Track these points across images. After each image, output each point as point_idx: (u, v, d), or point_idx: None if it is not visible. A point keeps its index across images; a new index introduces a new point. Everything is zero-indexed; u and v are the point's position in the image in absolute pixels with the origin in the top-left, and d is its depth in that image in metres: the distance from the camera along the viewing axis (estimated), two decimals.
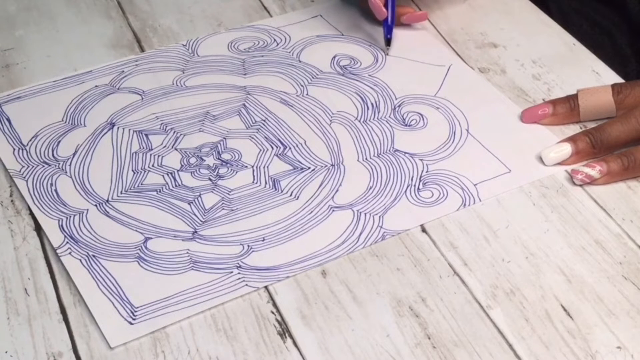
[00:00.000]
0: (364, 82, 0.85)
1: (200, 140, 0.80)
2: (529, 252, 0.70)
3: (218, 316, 0.66)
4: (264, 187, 0.75)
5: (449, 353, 0.63)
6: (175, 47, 0.90)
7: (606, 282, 0.68)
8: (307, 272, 0.69)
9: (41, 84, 0.86)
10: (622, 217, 0.72)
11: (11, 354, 0.64)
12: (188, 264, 0.69)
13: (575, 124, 0.80)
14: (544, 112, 0.80)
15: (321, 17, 0.94)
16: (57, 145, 0.80)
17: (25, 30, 0.93)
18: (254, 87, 0.85)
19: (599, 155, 0.76)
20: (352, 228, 0.72)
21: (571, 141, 0.76)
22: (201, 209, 0.74)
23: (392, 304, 0.66)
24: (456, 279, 0.68)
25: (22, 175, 0.77)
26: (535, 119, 0.80)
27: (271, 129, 0.81)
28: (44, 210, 0.74)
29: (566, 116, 0.79)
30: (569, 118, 0.80)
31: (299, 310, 0.66)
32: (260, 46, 0.90)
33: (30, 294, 0.68)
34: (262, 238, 0.71)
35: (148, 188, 0.76)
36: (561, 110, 0.79)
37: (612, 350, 0.63)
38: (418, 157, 0.78)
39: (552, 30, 0.91)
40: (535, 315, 0.66)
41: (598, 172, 0.74)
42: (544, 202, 0.74)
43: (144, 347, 0.64)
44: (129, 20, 0.94)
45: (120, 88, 0.85)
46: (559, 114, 0.79)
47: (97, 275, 0.69)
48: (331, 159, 0.78)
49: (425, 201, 0.74)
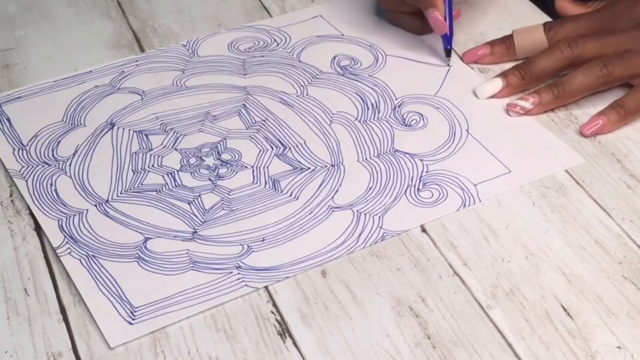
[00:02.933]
0: (364, 82, 0.85)
1: (200, 140, 0.80)
2: (529, 252, 0.70)
3: (218, 316, 0.66)
4: (264, 188, 0.75)
5: (449, 353, 0.63)
6: (175, 47, 0.90)
7: (606, 282, 0.68)
8: (307, 272, 0.69)
9: (41, 84, 0.86)
10: (622, 217, 0.72)
11: (11, 354, 0.64)
12: (188, 264, 0.69)
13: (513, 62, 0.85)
14: (483, 53, 0.86)
15: (321, 17, 0.94)
16: (57, 145, 0.80)
17: (25, 30, 0.93)
18: (254, 87, 0.85)
19: (530, 86, 0.82)
20: (352, 228, 0.72)
21: (502, 76, 0.83)
22: (201, 209, 0.74)
23: (392, 304, 0.66)
24: (456, 279, 0.68)
25: (22, 175, 0.77)
26: (475, 58, 0.86)
27: (271, 129, 0.81)
28: (43, 210, 0.74)
29: (503, 55, 0.86)
30: (506, 57, 0.86)
31: (298, 310, 0.66)
32: (260, 46, 0.90)
33: (30, 294, 0.68)
34: (262, 238, 0.71)
35: (148, 188, 0.76)
36: (498, 50, 0.85)
37: (612, 350, 0.63)
38: (418, 157, 0.78)
39: None
40: (535, 315, 0.66)
41: (531, 104, 0.80)
42: (544, 202, 0.74)
43: (143, 347, 0.64)
44: (129, 20, 0.94)
45: (120, 88, 0.85)
46: (497, 53, 0.85)
47: (97, 275, 0.69)
48: (331, 159, 0.78)
49: (425, 201, 0.74)
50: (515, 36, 0.85)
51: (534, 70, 0.81)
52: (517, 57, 0.85)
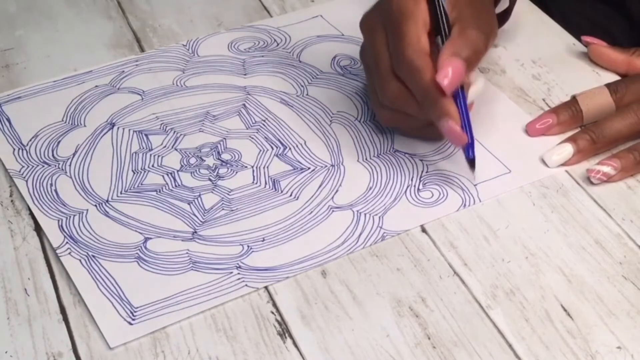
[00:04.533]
0: (364, 82, 0.85)
1: (200, 140, 0.80)
2: (529, 252, 0.70)
3: (218, 316, 0.66)
4: (264, 188, 0.75)
5: (449, 353, 0.63)
6: (175, 47, 0.90)
7: (606, 282, 0.68)
8: (307, 272, 0.69)
9: (41, 84, 0.86)
10: (622, 217, 0.72)
11: (11, 354, 0.64)
12: (188, 264, 0.69)
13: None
14: (548, 124, 0.79)
15: (321, 17, 0.94)
16: (57, 145, 0.80)
17: (25, 30, 0.93)
18: (254, 87, 0.85)
19: (600, 152, 0.77)
20: (352, 228, 0.72)
21: (571, 141, 0.77)
22: (201, 209, 0.74)
23: (392, 304, 0.66)
24: (456, 279, 0.68)
25: (22, 175, 0.77)
26: (541, 132, 0.79)
27: (271, 129, 0.81)
28: (43, 210, 0.74)
29: (571, 123, 0.79)
30: (573, 124, 0.79)
31: (299, 311, 0.66)
32: (261, 46, 0.90)
33: (30, 294, 0.68)
34: (262, 238, 0.71)
35: (148, 188, 0.76)
36: (565, 118, 0.79)
37: (612, 350, 0.63)
38: (418, 158, 0.78)
39: (552, 30, 0.91)
40: (535, 315, 0.66)
41: (613, 169, 0.74)
42: (544, 202, 0.74)
43: (143, 347, 0.64)
44: (129, 20, 0.94)
45: (120, 88, 0.85)
46: (564, 122, 0.79)
47: (97, 275, 0.69)
48: (331, 159, 0.78)
49: (425, 201, 0.74)
50: (580, 101, 0.79)
51: (608, 134, 0.76)
52: (584, 123, 0.79)
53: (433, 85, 0.70)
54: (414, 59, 0.71)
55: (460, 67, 0.70)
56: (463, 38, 0.72)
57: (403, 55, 0.71)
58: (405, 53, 0.71)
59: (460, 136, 0.71)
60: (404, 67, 0.71)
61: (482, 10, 0.75)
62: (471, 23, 0.73)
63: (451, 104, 0.71)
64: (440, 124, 0.71)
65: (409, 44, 0.71)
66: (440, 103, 0.71)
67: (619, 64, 0.84)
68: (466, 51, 0.71)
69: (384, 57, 0.73)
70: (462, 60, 0.71)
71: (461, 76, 0.71)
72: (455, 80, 0.70)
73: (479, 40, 0.72)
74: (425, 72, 0.70)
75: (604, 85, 0.80)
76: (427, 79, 0.70)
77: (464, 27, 0.72)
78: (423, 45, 0.71)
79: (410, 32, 0.71)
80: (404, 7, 0.72)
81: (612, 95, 0.79)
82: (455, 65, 0.70)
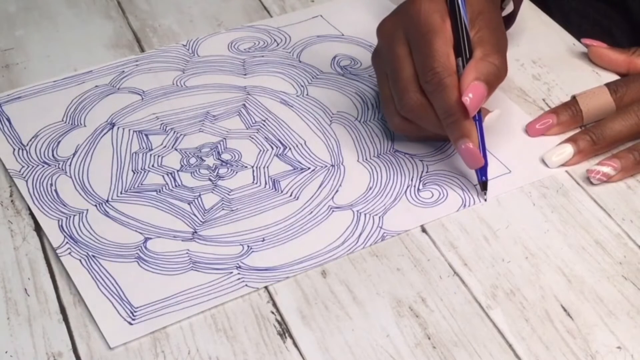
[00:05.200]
0: (364, 82, 0.85)
1: (200, 140, 0.80)
2: (529, 252, 0.70)
3: (218, 316, 0.66)
4: (264, 188, 0.75)
5: (449, 353, 0.63)
6: (175, 47, 0.90)
7: (606, 282, 0.68)
8: (307, 272, 0.69)
9: (41, 84, 0.86)
10: (622, 217, 0.72)
11: (11, 354, 0.64)
12: (188, 264, 0.69)
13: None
14: (548, 123, 0.79)
15: (321, 17, 0.94)
16: (57, 145, 0.80)
17: (25, 30, 0.93)
18: (254, 88, 0.85)
19: (600, 152, 0.77)
20: (352, 228, 0.72)
21: (572, 141, 0.77)
22: (201, 209, 0.74)
23: (392, 304, 0.66)
24: (456, 279, 0.68)
25: (22, 175, 0.77)
26: (541, 132, 0.79)
27: (271, 129, 0.81)
28: (43, 210, 0.74)
29: (570, 123, 0.79)
30: (573, 124, 0.79)
31: (299, 311, 0.66)
32: (261, 46, 0.90)
33: (30, 294, 0.68)
34: (262, 238, 0.71)
35: (148, 188, 0.76)
36: (565, 118, 0.79)
37: (612, 350, 0.63)
38: (418, 158, 0.78)
39: (552, 30, 0.91)
40: (535, 315, 0.66)
41: (613, 170, 0.74)
42: (544, 203, 0.74)
43: (143, 347, 0.64)
44: (129, 20, 0.94)
45: (121, 88, 0.85)
46: (564, 122, 0.79)
47: (97, 275, 0.69)
48: (331, 159, 0.78)
49: (425, 201, 0.74)
50: (580, 102, 0.79)
51: (608, 135, 0.76)
52: (584, 123, 0.79)
53: (458, 105, 0.71)
54: (443, 75, 0.71)
55: (483, 91, 0.71)
56: (487, 62, 0.72)
57: (432, 70, 0.71)
58: (434, 68, 0.71)
59: (478, 159, 0.72)
60: (431, 82, 0.71)
61: (500, 31, 0.76)
62: (493, 47, 0.73)
63: (472, 126, 0.72)
64: (458, 143, 0.72)
65: (438, 60, 0.71)
66: (462, 123, 0.71)
67: (619, 64, 0.84)
68: (490, 76, 0.72)
69: (407, 68, 0.73)
70: (485, 84, 0.71)
71: (483, 100, 0.72)
72: (478, 103, 0.71)
73: (501, 66, 0.73)
74: (453, 90, 0.71)
75: (604, 85, 0.80)
76: (454, 98, 0.71)
77: (488, 51, 0.73)
78: (452, 63, 0.72)
79: (439, 48, 0.72)
80: (432, 22, 0.72)
81: (612, 95, 0.79)
82: (478, 88, 0.71)
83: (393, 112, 0.76)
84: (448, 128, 0.72)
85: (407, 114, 0.74)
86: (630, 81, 0.80)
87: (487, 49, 0.73)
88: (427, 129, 0.75)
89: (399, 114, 0.75)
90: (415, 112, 0.73)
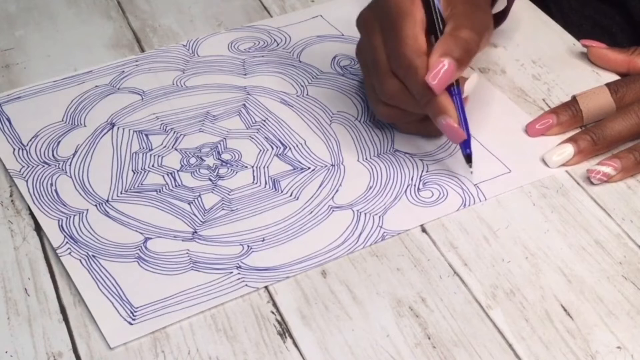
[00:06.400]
0: (363, 81, 0.85)
1: (200, 140, 0.80)
2: (529, 252, 0.70)
3: (218, 316, 0.66)
4: (264, 187, 0.75)
5: (449, 353, 0.63)
6: (175, 47, 0.90)
7: (606, 282, 0.68)
8: (307, 272, 0.69)
9: (41, 84, 0.86)
10: (622, 217, 0.72)
11: (11, 354, 0.64)
12: (188, 264, 0.69)
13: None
14: (548, 123, 0.79)
15: (321, 17, 0.94)
16: (57, 145, 0.80)
17: (25, 30, 0.93)
18: (254, 87, 0.85)
19: (601, 152, 0.77)
20: (352, 228, 0.72)
21: (572, 141, 0.77)
22: (201, 209, 0.74)
23: (392, 304, 0.66)
24: (456, 279, 0.68)
25: (22, 175, 0.77)
26: (541, 132, 0.79)
27: (271, 129, 0.81)
28: (43, 210, 0.74)
29: (570, 123, 0.79)
30: (573, 124, 0.79)
31: (299, 310, 0.66)
32: (261, 46, 0.90)
33: (30, 294, 0.68)
34: (262, 238, 0.71)
35: (148, 188, 0.76)
36: (565, 118, 0.79)
37: (612, 350, 0.63)
38: (418, 157, 0.78)
39: (552, 30, 0.91)
40: (535, 315, 0.66)
41: (613, 170, 0.74)
42: (544, 202, 0.74)
43: (144, 347, 0.64)
44: (129, 20, 0.94)
45: (121, 88, 0.85)
46: (564, 123, 0.79)
47: (97, 275, 0.69)
48: (331, 159, 0.78)
49: (425, 201, 0.74)
50: (580, 102, 0.79)
51: (609, 135, 0.76)
52: (585, 123, 0.79)
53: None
54: (411, 58, 0.71)
55: (451, 67, 0.71)
56: (455, 37, 0.72)
57: (400, 55, 0.72)
58: (402, 52, 0.72)
59: (458, 132, 0.72)
60: (401, 66, 0.72)
61: (477, 8, 0.76)
62: (464, 22, 0.73)
63: (448, 102, 0.72)
64: (437, 121, 0.72)
65: (406, 43, 0.72)
66: (436, 101, 0.72)
67: (619, 64, 0.84)
68: (457, 51, 0.72)
69: (382, 56, 0.74)
70: (454, 59, 0.71)
71: (452, 76, 0.71)
72: (445, 80, 0.71)
73: (471, 40, 0.73)
74: (422, 71, 0.71)
75: (604, 85, 0.80)
76: (424, 78, 0.71)
77: (457, 25, 0.73)
78: (420, 44, 0.72)
79: (407, 31, 0.72)
80: (400, 5, 0.73)
81: (613, 95, 0.79)
82: (445, 65, 0.71)
83: (377, 101, 0.76)
84: (425, 108, 0.73)
85: (388, 101, 0.75)
86: (631, 81, 0.80)
87: (457, 23, 0.73)
88: (411, 111, 0.75)
89: (382, 102, 0.76)
90: (395, 97, 0.74)
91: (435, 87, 0.71)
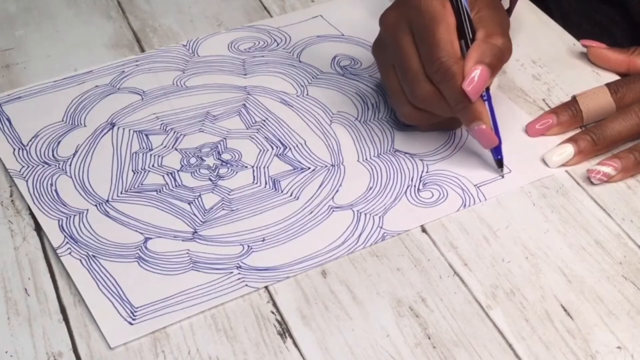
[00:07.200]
0: (364, 82, 0.85)
1: (200, 140, 0.80)
2: (529, 252, 0.70)
3: (218, 316, 0.66)
4: (264, 188, 0.76)
5: (449, 353, 0.63)
6: (176, 47, 0.90)
7: (606, 282, 0.68)
8: (307, 272, 0.69)
9: (41, 84, 0.86)
10: (622, 217, 0.72)
11: (11, 354, 0.64)
12: (188, 264, 0.69)
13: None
14: (548, 123, 0.79)
15: (321, 17, 0.94)
16: (57, 145, 0.80)
17: (25, 30, 0.93)
18: (254, 87, 0.85)
19: (601, 152, 0.77)
20: (352, 228, 0.72)
21: (572, 141, 0.77)
22: (201, 209, 0.74)
23: (392, 304, 0.66)
24: (456, 279, 0.68)
25: (22, 175, 0.77)
26: (541, 132, 0.79)
27: (271, 129, 0.81)
28: (44, 210, 0.74)
29: (570, 123, 0.79)
30: (573, 124, 0.79)
31: (299, 310, 0.66)
32: (261, 46, 0.90)
33: (30, 294, 0.68)
34: (262, 238, 0.71)
35: (148, 188, 0.76)
36: (565, 118, 0.79)
37: (612, 350, 0.63)
38: (418, 158, 0.78)
39: (552, 30, 0.91)
40: (535, 315, 0.66)
41: (613, 170, 0.74)
42: (544, 203, 0.74)
43: (144, 347, 0.64)
44: (129, 20, 0.94)
45: (121, 88, 0.85)
46: (564, 123, 0.79)
47: (97, 275, 0.69)
48: (331, 159, 0.78)
49: (425, 201, 0.74)
50: (580, 102, 0.79)
51: (609, 135, 0.76)
52: (585, 123, 0.79)
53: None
54: (448, 64, 0.72)
55: (485, 74, 0.72)
56: (488, 44, 0.73)
57: (436, 60, 0.72)
58: (439, 58, 0.72)
59: (492, 138, 0.74)
60: (438, 72, 0.72)
61: (499, 11, 0.76)
62: (495, 28, 0.74)
63: (483, 108, 0.73)
64: (471, 127, 0.74)
65: (443, 50, 0.72)
66: (472, 107, 0.73)
67: (619, 64, 0.84)
68: (491, 57, 0.72)
69: (414, 59, 0.74)
70: (487, 66, 0.72)
71: (486, 83, 0.72)
72: (480, 87, 0.72)
73: (504, 47, 0.74)
74: (459, 77, 0.72)
75: (604, 85, 0.80)
76: (461, 85, 0.72)
77: (489, 32, 0.73)
78: (456, 50, 0.73)
79: (443, 38, 0.72)
80: (433, 10, 0.73)
81: (613, 95, 0.79)
82: (480, 72, 0.72)
83: (403, 102, 0.76)
84: (459, 113, 0.73)
85: (419, 104, 0.75)
86: (631, 81, 0.80)
87: (488, 30, 0.74)
88: (441, 115, 0.75)
89: (410, 104, 0.76)
90: (428, 101, 0.74)
91: (470, 94, 0.71)
